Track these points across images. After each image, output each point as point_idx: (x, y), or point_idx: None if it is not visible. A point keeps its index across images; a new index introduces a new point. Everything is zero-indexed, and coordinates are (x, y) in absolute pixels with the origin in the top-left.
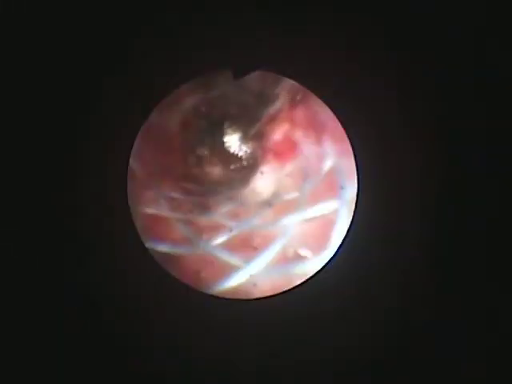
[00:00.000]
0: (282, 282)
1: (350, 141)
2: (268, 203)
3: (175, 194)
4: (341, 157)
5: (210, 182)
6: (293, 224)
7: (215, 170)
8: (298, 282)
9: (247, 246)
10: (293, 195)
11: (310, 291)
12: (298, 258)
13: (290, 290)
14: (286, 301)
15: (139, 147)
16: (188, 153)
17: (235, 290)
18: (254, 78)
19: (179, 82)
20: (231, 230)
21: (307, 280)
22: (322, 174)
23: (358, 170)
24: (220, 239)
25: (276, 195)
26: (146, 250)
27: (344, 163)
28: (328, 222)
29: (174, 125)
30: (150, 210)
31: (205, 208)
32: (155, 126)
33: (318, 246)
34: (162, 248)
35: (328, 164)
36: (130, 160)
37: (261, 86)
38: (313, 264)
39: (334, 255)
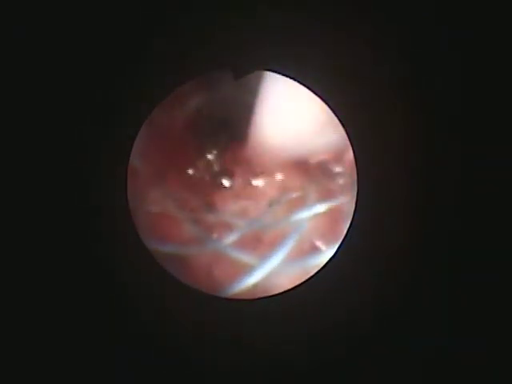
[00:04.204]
0: (299, 277)
1: (350, 141)
2: (276, 200)
3: (181, 193)
4: (340, 157)
5: (215, 180)
6: (304, 219)
7: (220, 169)
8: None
9: (260, 244)
10: (300, 191)
11: (310, 291)
12: (313, 251)
13: (290, 289)
14: (285, 301)
15: (143, 146)
16: (193, 153)
17: (252, 289)
18: (255, 78)
19: (179, 82)
20: (242, 229)
21: (307, 280)
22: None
23: (358, 170)
24: (231, 238)
25: (283, 192)
26: (147, 250)
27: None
28: (338, 215)
29: (178, 125)
30: (155, 209)
31: (212, 206)
32: (159, 125)
33: (331, 238)
34: (169, 249)
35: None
36: (134, 159)
37: (261, 86)
38: (326, 257)
39: (334, 255)
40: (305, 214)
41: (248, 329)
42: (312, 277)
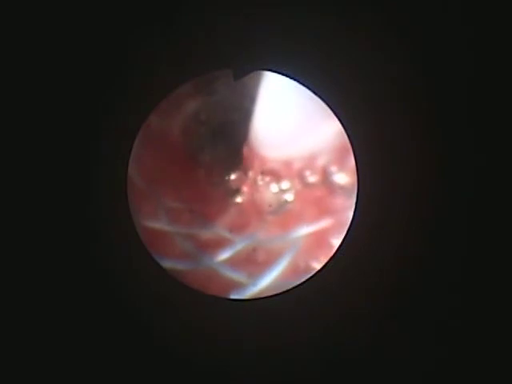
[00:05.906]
0: None
1: (350, 141)
2: (272, 212)
3: (174, 204)
4: (340, 158)
5: (210, 191)
6: (299, 236)
7: (216, 179)
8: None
9: (252, 262)
10: (295, 203)
11: (310, 291)
12: (308, 270)
13: (289, 290)
14: (285, 301)
15: (139, 154)
16: (188, 160)
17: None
18: (253, 79)
19: (179, 82)
20: (235, 244)
21: (306, 280)
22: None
23: (357, 171)
24: (224, 255)
25: (279, 203)
26: (146, 250)
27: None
28: (333, 231)
29: (175, 132)
30: (149, 224)
31: (206, 220)
32: (155, 133)
33: (325, 255)
34: (164, 264)
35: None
36: (130, 168)
37: (260, 86)
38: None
39: (333, 256)
40: (301, 231)
41: (248, 329)
42: (311, 277)
